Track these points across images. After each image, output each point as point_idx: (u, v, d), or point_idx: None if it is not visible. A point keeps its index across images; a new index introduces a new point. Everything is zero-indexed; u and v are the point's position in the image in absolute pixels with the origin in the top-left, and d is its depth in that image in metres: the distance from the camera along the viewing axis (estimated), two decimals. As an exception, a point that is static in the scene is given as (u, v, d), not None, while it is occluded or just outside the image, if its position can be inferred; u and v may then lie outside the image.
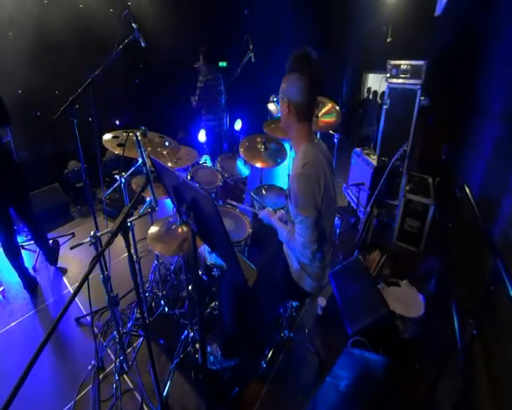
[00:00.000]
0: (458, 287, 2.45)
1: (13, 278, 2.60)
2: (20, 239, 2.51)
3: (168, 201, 3.47)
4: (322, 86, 1.32)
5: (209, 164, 2.97)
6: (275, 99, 2.99)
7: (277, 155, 2.62)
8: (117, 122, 4.59)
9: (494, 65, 2.81)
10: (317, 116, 2.54)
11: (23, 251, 2.75)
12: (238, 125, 5.13)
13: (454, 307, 2.24)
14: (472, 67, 3.28)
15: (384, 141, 3.31)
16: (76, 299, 2.34)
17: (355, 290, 2.19)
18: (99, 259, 1.32)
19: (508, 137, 2.25)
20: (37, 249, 2.86)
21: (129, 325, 2.15)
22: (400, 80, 3.04)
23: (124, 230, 1.05)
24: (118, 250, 3.00)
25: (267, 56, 4.88)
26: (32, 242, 2.78)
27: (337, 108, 2.60)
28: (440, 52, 3.47)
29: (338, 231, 3.04)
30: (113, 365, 1.90)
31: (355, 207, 3.53)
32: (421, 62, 2.90)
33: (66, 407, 1.71)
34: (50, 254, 2.76)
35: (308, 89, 1.27)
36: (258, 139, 2.66)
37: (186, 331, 2.01)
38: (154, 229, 1.85)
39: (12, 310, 2.38)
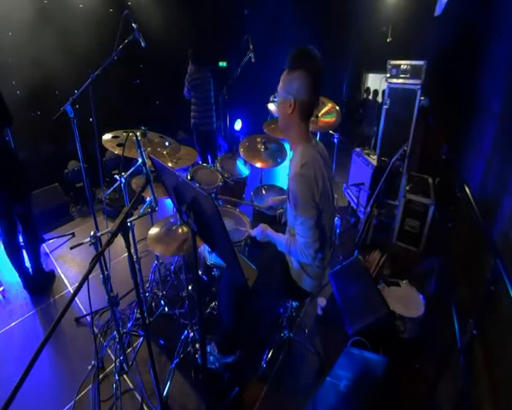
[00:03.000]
0: (458, 287, 2.45)
1: (13, 278, 2.60)
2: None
3: (168, 201, 3.48)
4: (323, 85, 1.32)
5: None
6: (275, 99, 2.99)
7: (277, 155, 2.62)
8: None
9: (494, 64, 2.81)
10: (317, 116, 2.54)
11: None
12: (238, 125, 5.13)
13: (454, 307, 2.24)
14: (472, 66, 3.28)
15: (384, 141, 3.31)
16: (76, 299, 2.34)
17: (355, 290, 2.19)
18: (99, 259, 1.32)
19: (508, 136, 2.25)
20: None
21: (129, 325, 2.15)
22: (400, 80, 3.05)
23: (124, 230, 1.05)
24: (118, 250, 3.00)
25: (267, 56, 4.88)
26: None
27: (337, 108, 2.60)
28: (440, 52, 3.48)
29: (338, 231, 3.04)
30: (113, 365, 1.90)
31: (355, 207, 3.53)
32: (421, 62, 2.90)
33: (66, 407, 1.71)
34: (36, 275, 2.52)
35: (314, 86, 1.26)
36: (258, 139, 2.66)
37: (186, 331, 2.01)
38: (154, 230, 1.85)
39: (12, 310, 2.38)
